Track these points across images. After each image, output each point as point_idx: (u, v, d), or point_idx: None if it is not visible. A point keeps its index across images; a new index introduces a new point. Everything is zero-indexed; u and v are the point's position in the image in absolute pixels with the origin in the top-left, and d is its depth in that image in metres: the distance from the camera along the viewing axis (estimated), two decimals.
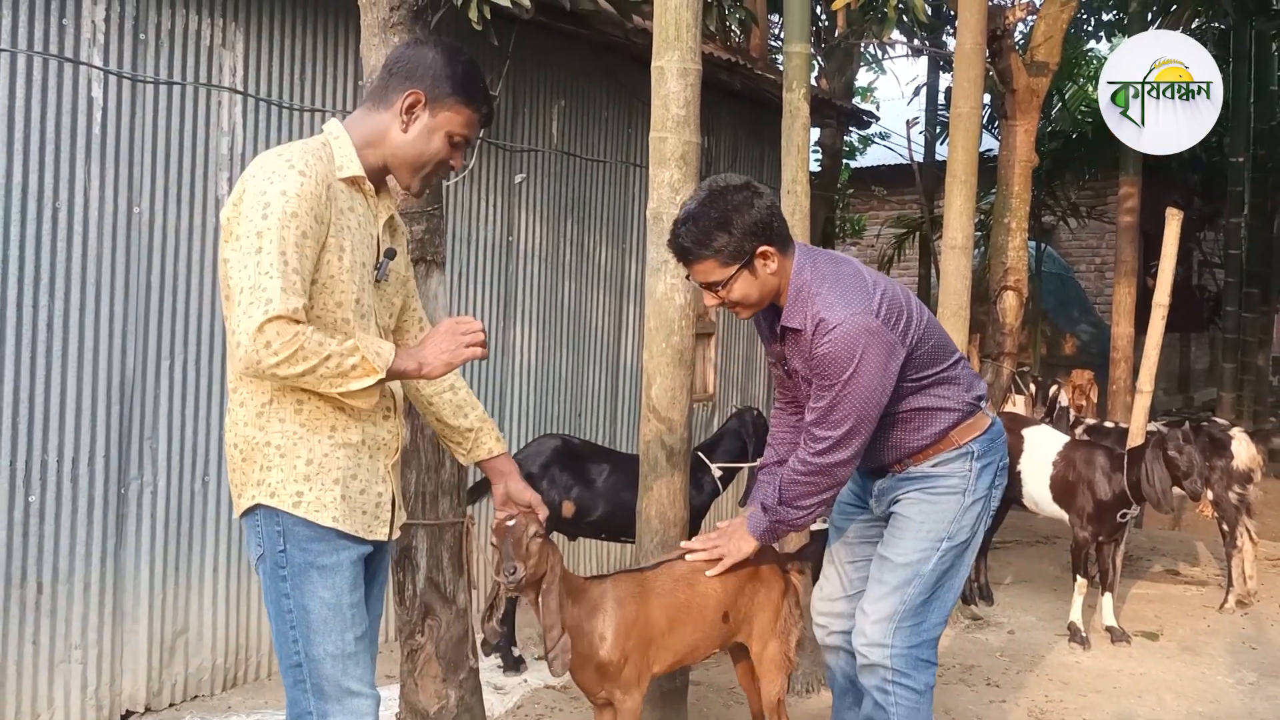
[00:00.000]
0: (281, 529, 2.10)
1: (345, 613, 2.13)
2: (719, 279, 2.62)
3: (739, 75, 6.56)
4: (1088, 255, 15.12)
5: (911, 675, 2.82)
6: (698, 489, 4.73)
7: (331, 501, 2.12)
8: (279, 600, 2.12)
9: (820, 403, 2.62)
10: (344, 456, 2.15)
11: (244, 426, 2.13)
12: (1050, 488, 5.45)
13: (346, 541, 2.15)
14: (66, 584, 3.87)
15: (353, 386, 2.02)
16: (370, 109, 2.22)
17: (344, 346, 2.00)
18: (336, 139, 2.19)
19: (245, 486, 2.13)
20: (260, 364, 1.94)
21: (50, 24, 3.75)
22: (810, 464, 2.69)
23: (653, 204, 3.75)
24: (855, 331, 2.55)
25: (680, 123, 3.69)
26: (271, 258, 1.95)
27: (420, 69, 2.18)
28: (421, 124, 2.19)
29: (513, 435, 5.59)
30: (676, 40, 3.66)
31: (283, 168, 2.02)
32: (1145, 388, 5.34)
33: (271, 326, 1.92)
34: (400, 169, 2.23)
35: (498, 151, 5.42)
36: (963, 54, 5.58)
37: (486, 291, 5.42)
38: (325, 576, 2.11)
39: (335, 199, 2.10)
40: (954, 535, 2.81)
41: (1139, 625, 5.57)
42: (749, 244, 2.58)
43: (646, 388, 3.82)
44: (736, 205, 2.58)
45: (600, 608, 2.83)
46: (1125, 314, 8.12)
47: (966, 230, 5.54)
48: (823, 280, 2.64)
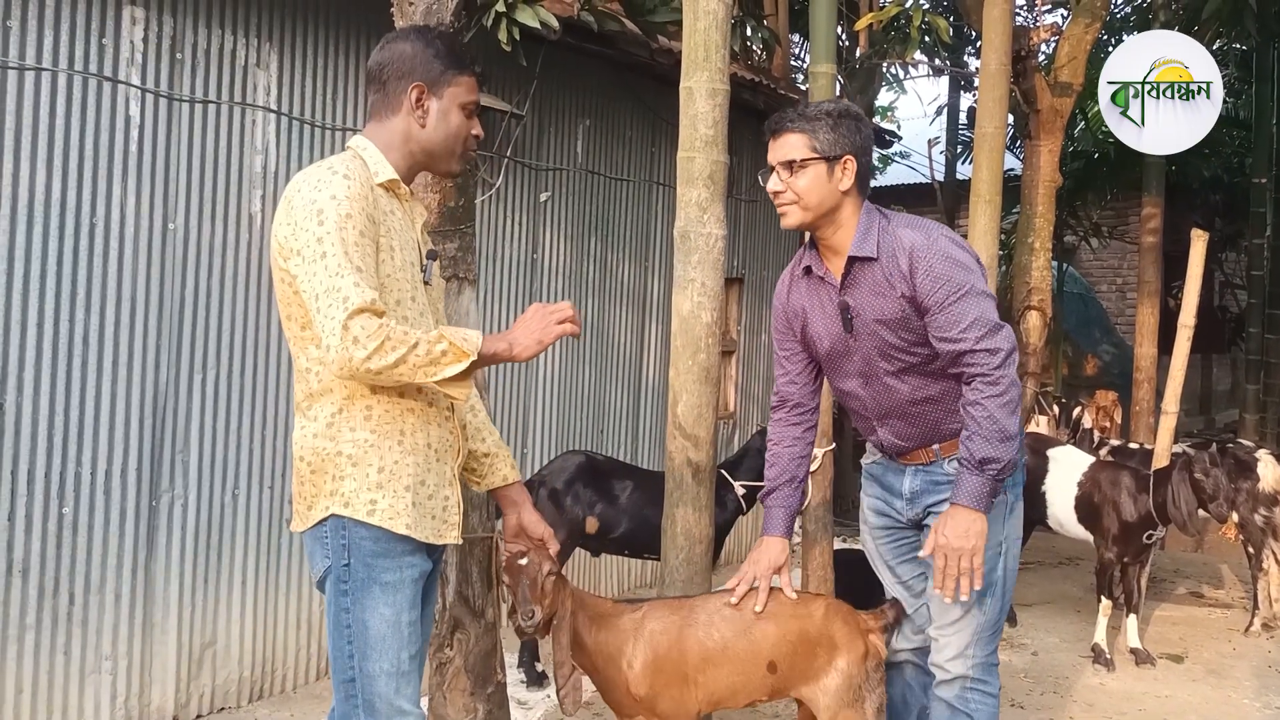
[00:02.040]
0: (347, 543, 2.11)
1: (404, 630, 2.14)
2: (796, 157, 2.62)
3: (762, 94, 6.61)
4: (1109, 275, 15.07)
5: (989, 681, 2.85)
6: (721, 507, 4.73)
7: (404, 509, 2.13)
8: (338, 615, 2.13)
9: (965, 319, 2.53)
10: (414, 463, 2.16)
11: (313, 439, 2.14)
12: (1075, 508, 5.44)
13: (411, 559, 2.16)
14: (98, 595, 3.91)
15: (447, 373, 2.02)
16: (381, 120, 2.27)
17: (430, 335, 2.02)
18: (365, 149, 2.23)
19: (317, 498, 2.14)
20: (352, 361, 1.95)
21: (90, 43, 3.82)
22: (1002, 380, 2.52)
23: (680, 223, 3.78)
24: (956, 242, 2.60)
25: (708, 142, 3.73)
26: (338, 259, 1.98)
27: (408, 63, 2.23)
28: (435, 111, 2.25)
29: (536, 452, 5.62)
30: (705, 61, 3.71)
31: (327, 175, 2.08)
32: (1170, 409, 5.33)
33: (355, 321, 1.94)
34: (438, 159, 2.30)
35: (523, 170, 5.47)
36: (987, 74, 5.60)
37: (511, 308, 5.46)
38: (387, 593, 2.12)
39: (377, 201, 2.15)
40: (1010, 535, 2.80)
41: (1164, 648, 5.54)
42: (841, 145, 2.62)
43: (673, 405, 3.84)
44: (849, 113, 2.67)
45: (631, 635, 2.73)
46: (1148, 335, 8.09)
47: (991, 250, 5.55)
48: (895, 219, 2.69)
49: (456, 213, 3.18)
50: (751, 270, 7.21)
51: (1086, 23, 6.64)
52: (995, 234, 5.58)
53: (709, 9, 3.70)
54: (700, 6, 3.69)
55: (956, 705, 2.82)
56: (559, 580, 2.64)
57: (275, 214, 2.15)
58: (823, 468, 4.65)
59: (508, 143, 5.28)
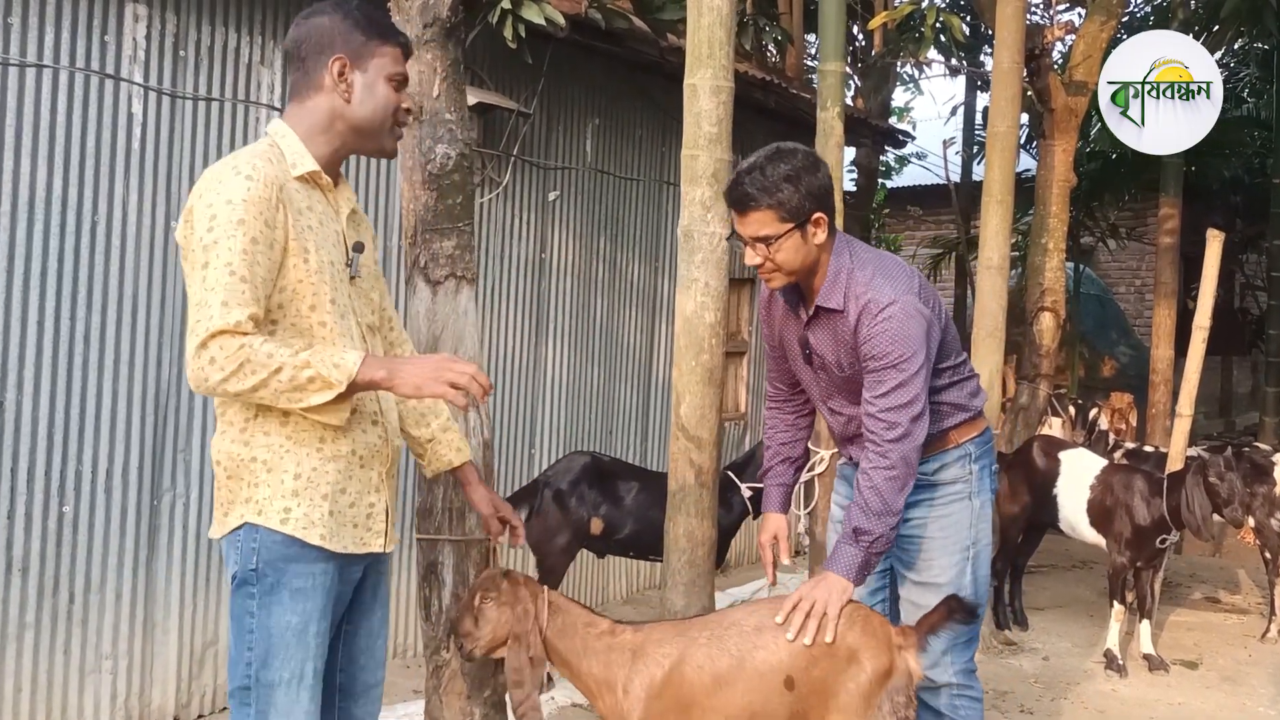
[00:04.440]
0: (257, 546, 2.01)
1: (310, 640, 2.04)
2: (771, 234, 2.58)
3: (773, 94, 6.56)
4: (1127, 277, 14.94)
5: (972, 686, 2.83)
6: (727, 509, 4.68)
7: (319, 519, 2.04)
8: (242, 619, 2.03)
9: (883, 387, 2.55)
10: (334, 470, 2.07)
11: (229, 443, 2.05)
12: (1088, 512, 5.37)
13: (325, 565, 2.06)
14: (98, 594, 3.90)
15: (312, 401, 1.92)
16: (302, 100, 2.13)
17: (297, 359, 1.90)
18: (283, 137, 2.10)
19: (233, 505, 2.05)
20: (207, 380, 1.87)
21: (92, 40, 3.81)
22: (892, 454, 2.55)
23: (684, 221, 3.74)
24: (909, 310, 2.56)
25: (712, 140, 3.69)
26: (217, 271, 1.88)
27: (326, 36, 2.10)
28: (360, 84, 2.11)
29: (544, 452, 5.59)
30: (709, 58, 3.66)
31: (228, 175, 1.95)
32: (1185, 412, 5.25)
33: (214, 342, 1.85)
34: (367, 137, 2.16)
35: (532, 169, 5.44)
36: (1000, 73, 5.55)
37: (519, 308, 5.43)
38: (296, 599, 2.02)
39: (291, 200, 2.02)
40: (978, 539, 2.80)
41: (1178, 654, 5.46)
42: (808, 206, 2.58)
43: (676, 405, 3.80)
44: (804, 165, 2.60)
45: (628, 659, 2.56)
46: (1165, 336, 8.00)
47: (1003, 251, 5.49)
48: (864, 264, 2.64)
49: (454, 210, 3.14)
50: None
51: (1102, 20, 6.54)
52: (1007, 234, 5.53)
53: (713, 4, 3.65)
54: (704, 2, 3.65)
55: (946, 713, 2.81)
56: (519, 592, 2.56)
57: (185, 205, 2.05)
58: (830, 471, 4.60)
59: (515, 141, 5.25)
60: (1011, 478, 5.75)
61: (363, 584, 2.23)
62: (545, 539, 4.60)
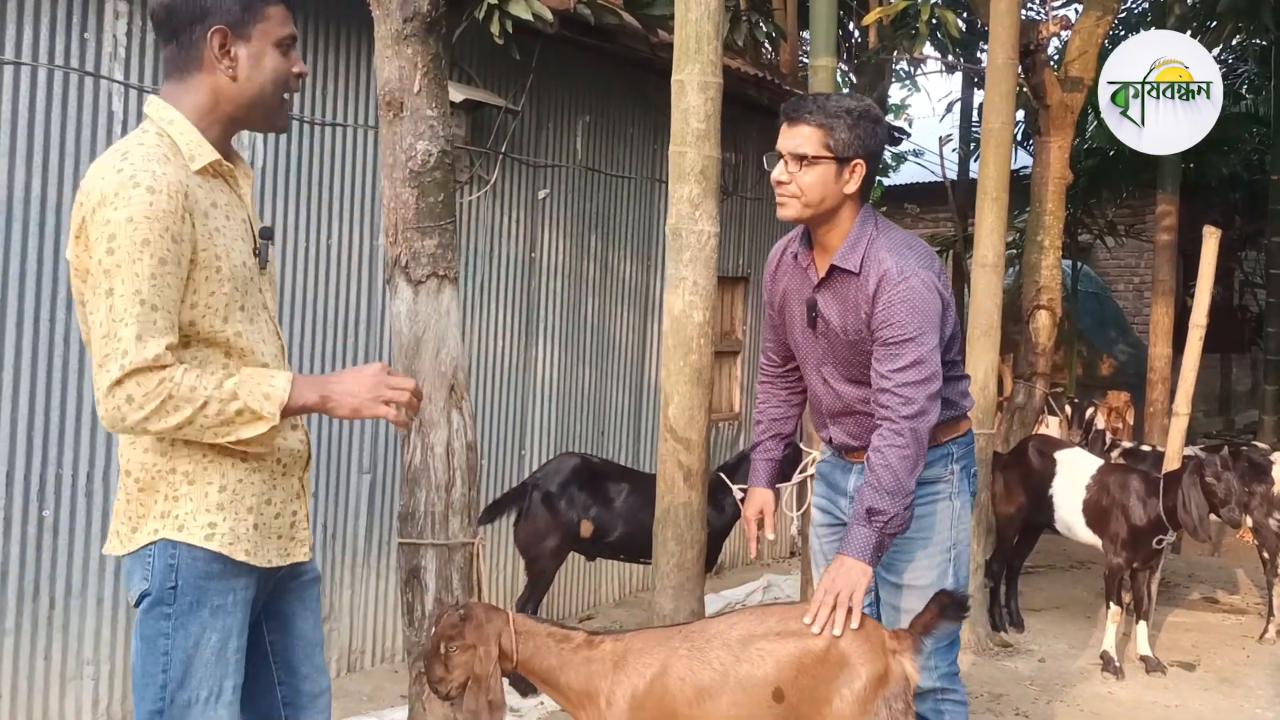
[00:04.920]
0: (176, 564, 1.87)
1: (229, 658, 1.93)
2: (808, 152, 2.55)
3: (766, 90, 6.50)
4: (1126, 274, 14.88)
5: (956, 690, 2.81)
6: (718, 510, 4.64)
7: (245, 533, 1.92)
8: (155, 640, 1.88)
9: (899, 361, 2.50)
10: (259, 480, 1.95)
11: (143, 452, 1.89)
12: (1084, 512, 5.31)
13: (246, 580, 1.95)
14: (79, 599, 3.84)
15: (242, 435, 1.80)
16: (180, 78, 1.92)
17: (223, 390, 1.77)
18: (172, 124, 1.89)
19: (145, 519, 1.90)
20: (124, 420, 1.73)
21: (71, 38, 3.75)
22: (906, 432, 2.50)
23: (672, 219, 3.70)
24: (930, 285, 2.53)
25: (700, 136, 3.65)
26: (124, 300, 1.73)
27: (198, 5, 1.88)
28: (245, 57, 1.91)
29: (534, 453, 5.53)
30: (697, 54, 3.62)
31: (126, 187, 1.75)
32: (1182, 410, 5.20)
33: (131, 380, 1.71)
34: (257, 114, 1.97)
35: (521, 167, 5.38)
36: (994, 69, 5.49)
37: (508, 307, 5.38)
38: (216, 617, 1.90)
39: (196, 203, 1.83)
40: (958, 540, 2.76)
41: (1175, 655, 5.41)
42: (855, 148, 2.55)
43: (664, 406, 3.76)
44: (867, 114, 2.58)
45: (610, 670, 2.50)
46: (1163, 335, 7.95)
47: (998, 248, 5.43)
48: (889, 233, 2.62)
49: (435, 209, 3.09)
50: (757, 269, 7.10)
51: (1098, 15, 6.50)
52: (1003, 232, 5.47)
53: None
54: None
55: (931, 718, 2.78)
56: (480, 631, 2.51)
57: (71, 218, 1.84)
58: None
59: (503, 138, 5.20)
60: (1007, 478, 5.70)
61: (288, 594, 2.12)
62: (534, 542, 4.55)
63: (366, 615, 4.79)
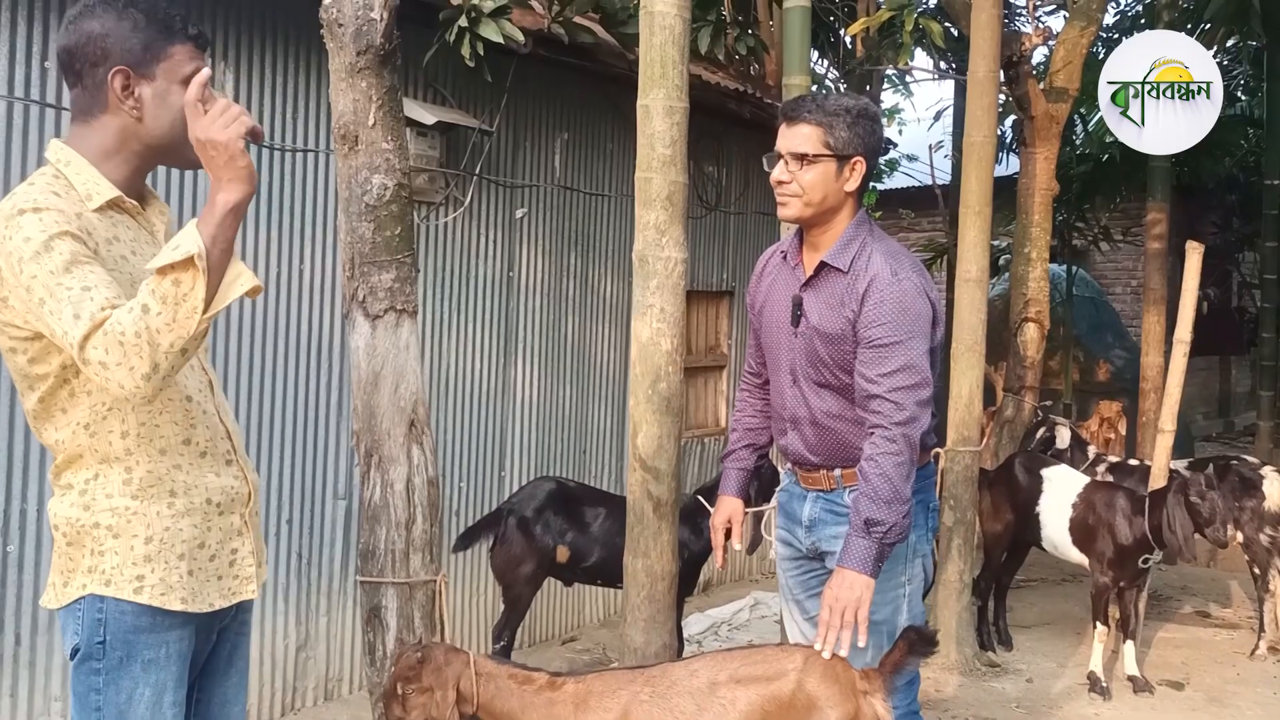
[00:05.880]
0: (103, 618, 1.84)
1: (165, 712, 1.89)
2: (808, 151, 2.57)
3: (748, 104, 6.45)
4: (1124, 278, 14.78)
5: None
6: (696, 535, 4.59)
7: (178, 581, 1.88)
8: (86, 696, 1.86)
9: (888, 365, 2.49)
10: (189, 525, 1.91)
11: (68, 507, 1.87)
12: (1070, 531, 5.25)
13: (180, 632, 1.91)
14: (46, 635, 3.80)
15: (199, 297, 1.67)
16: (85, 121, 1.90)
17: (147, 287, 1.67)
18: (69, 165, 1.86)
19: (73, 574, 1.86)
20: (123, 385, 1.66)
21: (32, 68, 3.71)
22: (900, 438, 2.46)
23: (638, 246, 3.64)
24: (922, 291, 2.54)
25: (666, 162, 3.59)
26: (54, 298, 1.68)
27: (100, 45, 1.84)
28: (149, 97, 1.87)
29: (514, 475, 5.48)
30: (662, 78, 3.57)
31: (13, 217, 1.73)
32: (1167, 427, 5.13)
33: (88, 350, 1.65)
34: (168, 154, 1.94)
35: (497, 188, 5.33)
36: (975, 82, 5.44)
37: (486, 328, 5.32)
38: (149, 671, 1.87)
39: (93, 231, 1.81)
40: (913, 576, 2.72)
41: (1164, 673, 5.34)
42: (854, 146, 2.57)
43: (632, 435, 3.71)
44: (865, 112, 2.60)
45: (573, 711, 2.47)
46: (1155, 343, 7.87)
47: (981, 263, 5.38)
48: (884, 240, 2.64)
49: (393, 242, 3.04)
50: (741, 282, 7.04)
51: (1082, 26, 6.44)
52: (986, 246, 5.42)
53: (665, 24, 3.56)
54: (656, 21, 3.56)
55: None
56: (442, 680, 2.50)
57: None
58: None
59: (478, 158, 5.15)
60: (994, 495, 5.65)
61: (219, 646, 2.08)
62: (509, 568, 4.50)
63: (344, 643, 4.73)
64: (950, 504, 5.21)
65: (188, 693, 2.01)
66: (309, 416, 4.58)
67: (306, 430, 4.57)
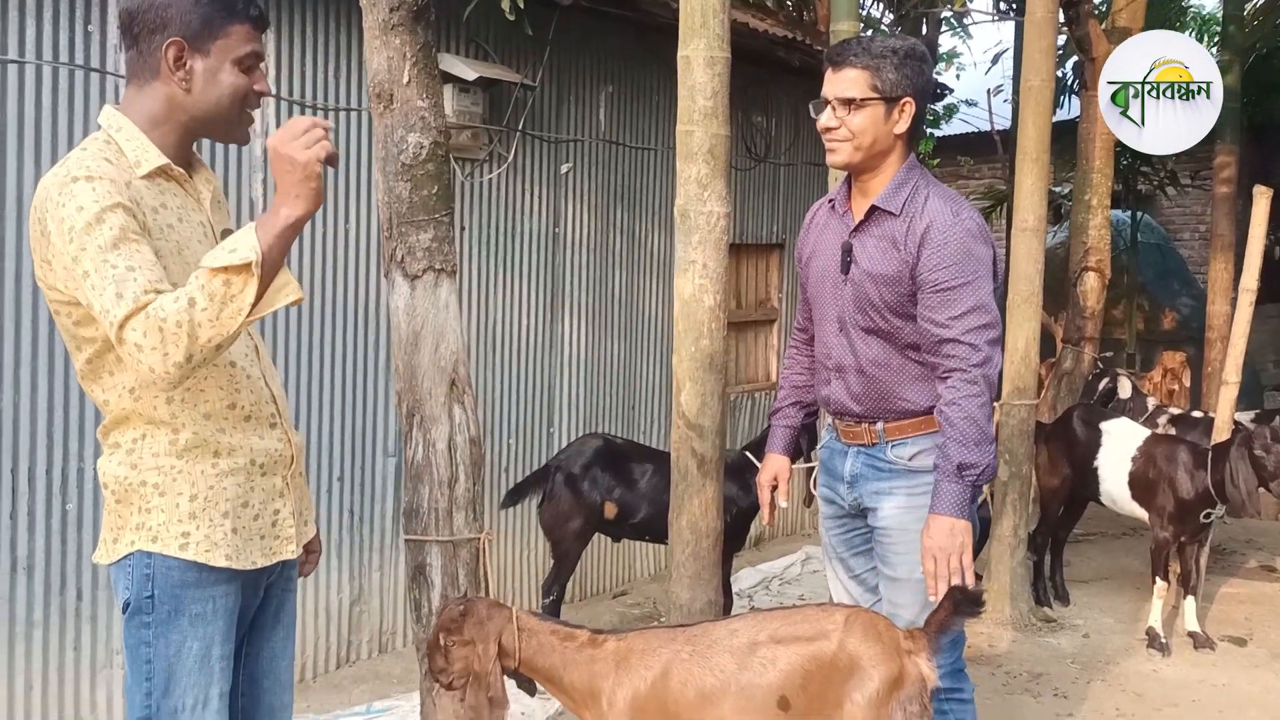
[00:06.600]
0: (151, 572, 1.89)
1: (214, 665, 1.94)
2: (856, 95, 2.53)
3: (797, 51, 6.30)
4: (1191, 223, 14.32)
5: (962, 688, 2.73)
6: (745, 490, 4.57)
7: (223, 539, 1.93)
8: (138, 649, 1.91)
9: (958, 308, 2.45)
10: (233, 485, 1.95)
11: (116, 466, 1.91)
12: (1129, 485, 5.14)
13: (227, 587, 1.96)
14: (106, 590, 3.89)
15: (249, 299, 1.69)
16: (139, 84, 1.93)
17: (197, 280, 1.69)
18: (120, 131, 1.90)
19: (123, 531, 1.92)
20: (154, 369, 1.68)
21: (75, 32, 3.73)
22: (980, 379, 2.44)
23: (680, 200, 3.59)
24: (983, 229, 2.51)
25: (708, 114, 3.52)
26: (98, 273, 1.71)
27: (162, 14, 1.87)
28: (200, 71, 1.90)
29: (562, 431, 5.49)
30: (703, 28, 3.48)
31: (66, 184, 1.76)
32: (1231, 378, 4.97)
33: (126, 331, 1.67)
34: (214, 128, 1.98)
35: (541, 143, 5.29)
36: (1033, 24, 5.26)
37: (533, 284, 5.31)
38: (196, 626, 1.91)
39: (141, 200, 1.84)
40: None
41: (1226, 629, 5.23)
42: (903, 87, 2.53)
43: (676, 393, 3.68)
44: (913, 53, 2.55)
45: (612, 669, 2.46)
46: (1221, 291, 7.63)
47: (1039, 211, 5.24)
48: (935, 184, 2.60)
49: (430, 201, 3.02)
50: (792, 235, 6.94)
51: None
52: (1044, 194, 5.27)
53: None
54: None
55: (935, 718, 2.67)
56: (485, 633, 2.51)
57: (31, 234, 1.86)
58: None
59: (521, 114, 5.10)
60: (1051, 449, 5.54)
61: (266, 602, 2.13)
62: (558, 524, 4.52)
63: (397, 597, 4.80)
64: (1005, 458, 5.12)
65: (237, 647, 2.06)
66: (358, 374, 4.62)
67: (356, 388, 4.61)
